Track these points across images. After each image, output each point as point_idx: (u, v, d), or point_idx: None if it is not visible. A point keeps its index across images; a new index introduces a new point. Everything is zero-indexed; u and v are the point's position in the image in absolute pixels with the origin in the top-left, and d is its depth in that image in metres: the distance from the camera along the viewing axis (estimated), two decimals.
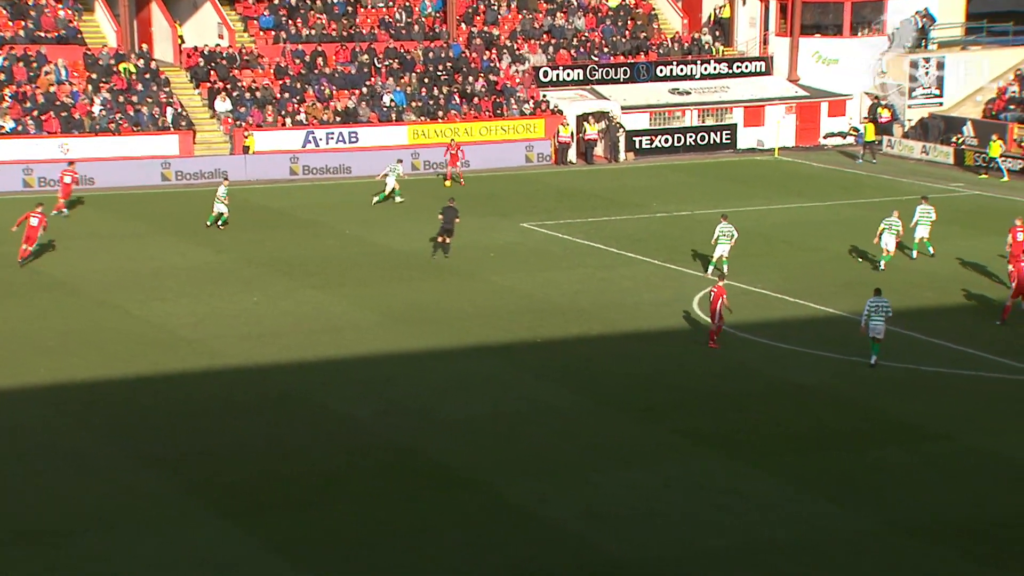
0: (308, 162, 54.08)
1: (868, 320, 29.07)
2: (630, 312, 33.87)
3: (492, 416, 26.42)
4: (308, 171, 53.94)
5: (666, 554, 20.22)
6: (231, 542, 20.79)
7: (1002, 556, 19.95)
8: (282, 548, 20.51)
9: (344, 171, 54.28)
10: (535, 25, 63.66)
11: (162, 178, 52.36)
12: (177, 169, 52.61)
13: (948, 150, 56.99)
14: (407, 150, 55.32)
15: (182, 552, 20.45)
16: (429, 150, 55.41)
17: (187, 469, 23.70)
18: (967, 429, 25.19)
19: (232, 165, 52.68)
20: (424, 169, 55.09)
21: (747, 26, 65.06)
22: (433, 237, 40.45)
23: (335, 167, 54.35)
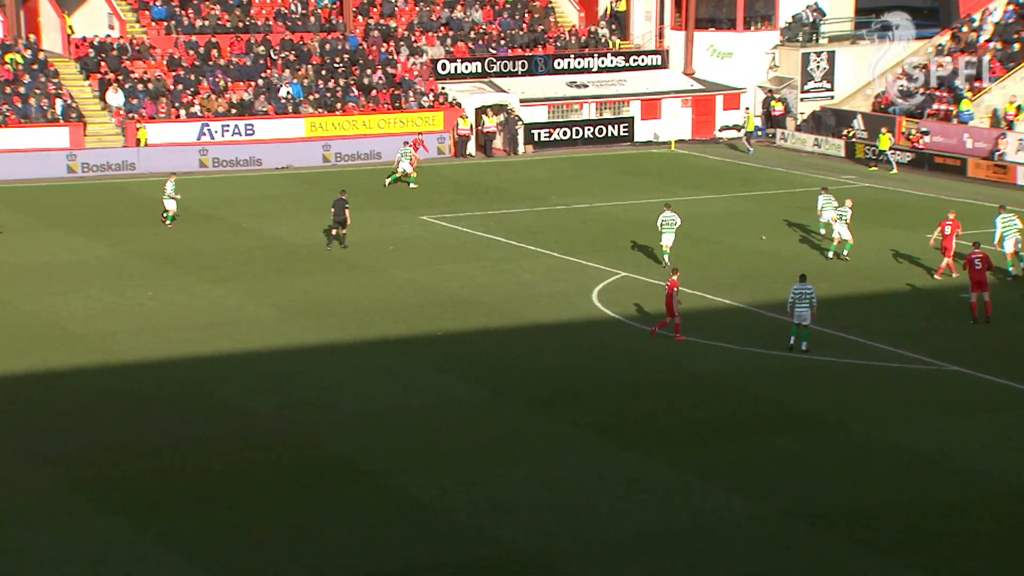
0: (218, 155, 53.53)
1: (794, 306, 29.59)
2: (530, 304, 33.95)
3: (393, 410, 26.30)
4: (218, 164, 53.39)
5: (566, 545, 20.31)
6: (124, 539, 20.44)
7: (890, 540, 20.35)
8: (176, 544, 20.21)
9: (244, 164, 53.72)
10: (432, 17, 63.49)
11: (63, 170, 51.39)
12: (83, 161, 51.69)
13: (839, 143, 58.04)
14: (306, 143, 54.87)
15: (74, 550, 20.06)
16: (340, 142, 55.06)
17: (79, 466, 23.24)
18: (859, 417, 25.66)
19: (141, 158, 52.05)
20: (336, 161, 54.77)
21: (643, 20, 65.58)
22: (327, 229, 40.24)
23: (245, 159, 53.86)
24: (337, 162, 54.53)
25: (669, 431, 25.08)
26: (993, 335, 31.10)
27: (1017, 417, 25.68)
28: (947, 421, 25.55)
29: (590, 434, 24.92)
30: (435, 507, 21.61)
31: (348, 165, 54.70)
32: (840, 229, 38.19)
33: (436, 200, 47.77)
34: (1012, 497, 21.90)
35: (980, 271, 31.55)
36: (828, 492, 22.24)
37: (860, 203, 46.72)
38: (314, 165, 54.51)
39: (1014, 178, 50.61)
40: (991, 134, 53.50)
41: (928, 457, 23.66)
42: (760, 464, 23.43)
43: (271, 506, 21.69)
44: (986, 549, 20.04)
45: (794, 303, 29.61)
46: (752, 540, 20.39)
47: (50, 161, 51.53)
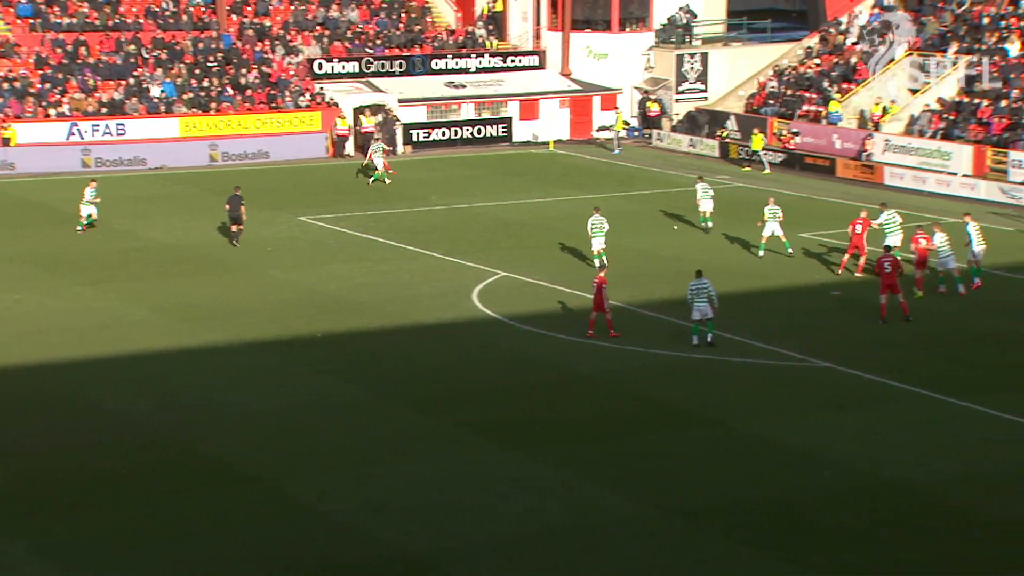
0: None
1: (693, 302, 30.00)
2: (411, 305, 33.87)
3: (272, 411, 26.02)
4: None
5: (449, 544, 20.30)
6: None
7: (765, 534, 20.75)
8: (50, 551, 19.73)
9: (127, 164, 52.80)
10: (308, 16, 62.94)
11: None
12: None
13: (714, 143, 59.00)
14: (181, 143, 54.01)
15: None
16: (230, 141, 54.22)
17: None
18: (735, 414, 26.09)
19: (11, 157, 50.72)
20: (223, 161, 54.00)
21: (519, 20, 65.88)
22: (223, 226, 39.73)
23: (129, 159, 52.97)
24: (225, 162, 53.78)
25: (550, 430, 25.22)
26: (862, 332, 31.87)
27: (885, 412, 26.36)
28: (819, 416, 26.12)
29: (472, 434, 24.95)
30: (316, 509, 21.43)
31: (235, 165, 53.95)
32: (773, 227, 38.56)
33: (314, 200, 47.39)
34: (880, 490, 22.48)
35: (890, 274, 32.08)
36: (705, 488, 22.58)
37: (735, 203, 47.62)
38: (198, 165, 53.65)
39: (881, 178, 51.99)
40: (859, 135, 54.89)
41: (800, 452, 24.16)
42: (639, 462, 23.70)
43: (147, 511, 21.30)
44: (856, 541, 20.53)
45: (693, 299, 30.06)
46: (631, 537, 20.61)
47: None
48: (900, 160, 52.62)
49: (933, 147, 51.99)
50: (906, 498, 22.13)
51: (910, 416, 26.12)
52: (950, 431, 25.29)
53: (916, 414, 26.25)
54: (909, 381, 27.90)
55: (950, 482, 22.71)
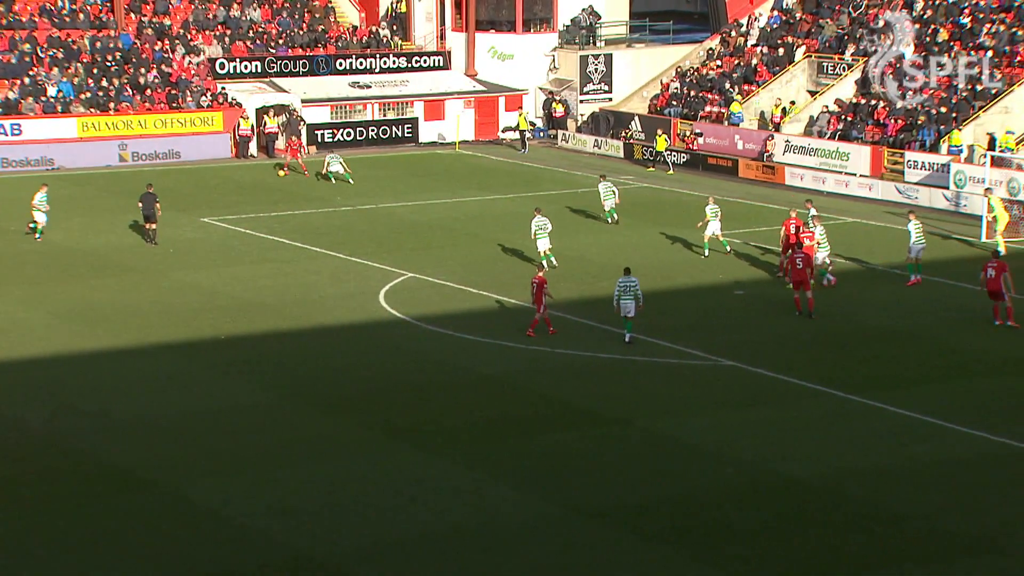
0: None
1: (619, 299, 30.21)
2: (316, 306, 33.60)
3: (174, 416, 25.64)
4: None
5: (355, 546, 20.18)
6: None
7: (672, 533, 20.92)
8: None
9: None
10: (208, 15, 62.16)
11: None
12: None
13: (619, 144, 59.40)
14: (77, 143, 53.04)
15: None
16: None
17: None
18: (641, 412, 26.27)
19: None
20: (132, 161, 53.18)
21: (424, 21, 65.72)
22: (136, 224, 39.18)
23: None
24: (135, 161, 52.94)
25: (457, 431, 25.18)
26: (765, 331, 32.30)
27: (787, 410, 26.72)
28: (723, 414, 26.41)
29: (378, 435, 24.82)
30: (219, 514, 21.16)
31: (143, 165, 53.13)
32: (715, 227, 38.74)
33: (217, 201, 46.82)
34: (782, 486, 22.78)
35: (800, 271, 32.83)
36: (611, 487, 22.70)
37: (640, 203, 47.99)
38: (98, 166, 52.70)
39: (782, 178, 52.73)
40: (760, 135, 55.62)
41: (706, 449, 24.40)
42: (546, 462, 23.75)
43: (45, 520, 20.86)
44: (761, 537, 20.79)
45: (619, 296, 30.23)
46: (537, 537, 20.65)
47: None
48: (800, 160, 53.41)
49: (832, 148, 52.87)
50: (806, 493, 22.45)
51: (811, 413, 26.51)
52: (849, 427, 25.72)
53: (816, 411, 26.65)
54: (810, 378, 28.32)
55: (848, 477, 23.08)
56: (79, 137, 53.57)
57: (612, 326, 31.63)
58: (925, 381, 28.48)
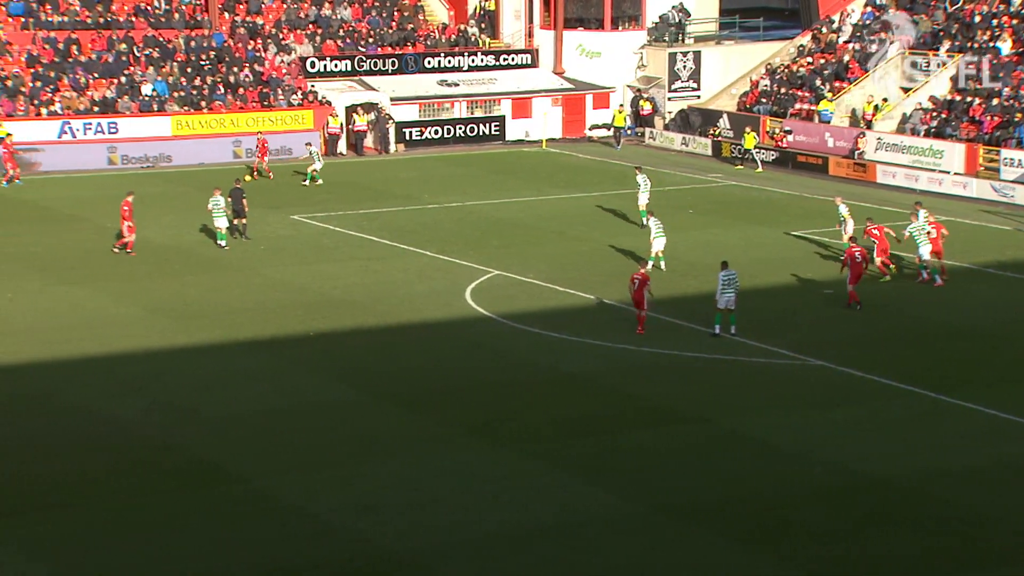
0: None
1: (722, 292, 30.31)
2: (403, 304, 33.86)
3: (261, 412, 26.00)
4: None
5: (436, 544, 20.31)
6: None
7: (755, 532, 20.78)
8: (35, 551, 19.73)
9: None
10: (300, 15, 62.91)
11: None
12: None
13: (706, 142, 59.03)
14: (172, 142, 54.01)
15: None
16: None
17: None
18: (725, 412, 26.11)
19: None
20: (246, 157, 53.96)
21: (512, 19, 65.86)
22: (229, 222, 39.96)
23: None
24: (249, 158, 53.84)
25: (539, 429, 25.23)
26: (855, 330, 31.93)
27: (874, 408, 26.41)
28: (811, 414, 26.15)
29: (461, 433, 24.95)
30: (305, 509, 21.43)
31: (239, 163, 54.05)
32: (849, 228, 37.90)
33: (307, 199, 47.37)
34: (870, 486, 22.52)
35: (859, 264, 33.06)
36: (695, 486, 22.60)
37: (726, 201, 47.68)
38: (190, 164, 53.72)
39: (874, 176, 52.02)
40: (851, 133, 54.91)
41: (791, 449, 24.19)
42: (628, 460, 23.71)
43: (135, 511, 21.29)
44: (847, 538, 20.57)
45: (723, 289, 30.26)
46: (620, 535, 20.63)
47: None
48: (892, 158, 52.66)
49: (925, 145, 52.04)
50: (894, 494, 22.17)
51: (899, 413, 26.17)
52: (938, 427, 25.35)
53: (905, 411, 26.30)
54: (898, 378, 27.94)
55: (937, 477, 22.75)
56: (173, 135, 54.51)
57: (699, 324, 31.49)
58: (1015, 381, 27.96)
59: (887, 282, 35.34)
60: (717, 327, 30.53)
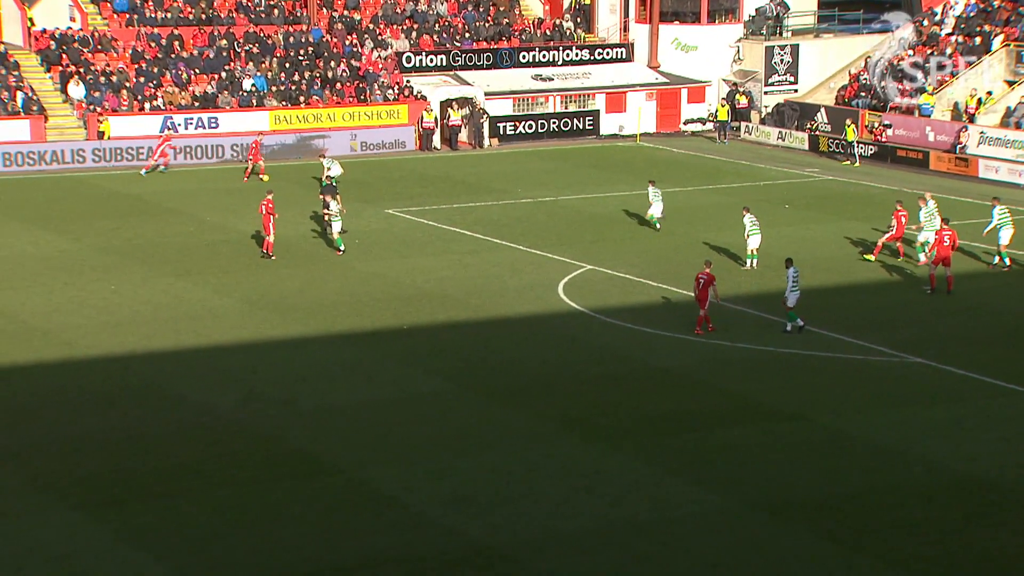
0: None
1: (792, 290, 30.21)
2: (496, 298, 33.95)
3: (357, 404, 26.24)
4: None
5: (529, 537, 20.34)
6: (85, 535, 20.32)
7: (853, 532, 20.49)
8: (138, 539, 20.12)
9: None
10: (397, 10, 63.34)
11: (25, 163, 51.07)
12: (48, 152, 51.40)
13: (803, 136, 58.31)
14: (270, 136, 54.68)
15: (32, 546, 19.91)
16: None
17: (39, 461, 23.08)
18: (821, 409, 25.81)
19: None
20: (361, 150, 54.54)
21: (607, 13, 65.65)
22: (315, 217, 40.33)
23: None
24: (363, 151, 54.23)
25: (633, 423, 25.14)
26: (954, 328, 31.35)
27: (976, 407, 25.92)
28: (909, 411, 25.74)
29: (554, 427, 24.95)
30: (399, 501, 21.58)
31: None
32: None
33: (401, 193, 47.69)
34: (971, 486, 22.11)
35: (947, 247, 33.20)
36: (790, 484, 22.35)
37: (824, 196, 47.03)
38: (292, 157, 54.38)
39: (976, 171, 51.01)
40: (953, 127, 53.89)
41: (889, 447, 23.83)
42: (722, 456, 23.52)
43: (233, 500, 21.61)
44: (947, 538, 20.21)
45: (793, 287, 30.19)
46: (714, 532, 20.48)
47: (11, 153, 51.15)
48: (996, 153, 51.57)
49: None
50: (995, 494, 21.74)
51: (1001, 412, 25.65)
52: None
53: (1007, 410, 25.78)
54: (1000, 376, 27.39)
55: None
56: (271, 130, 55.20)
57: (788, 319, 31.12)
58: None
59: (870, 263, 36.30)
60: (789, 325, 30.31)
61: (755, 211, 37.67)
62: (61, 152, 51.69)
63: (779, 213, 43.78)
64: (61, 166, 51.40)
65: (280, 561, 19.62)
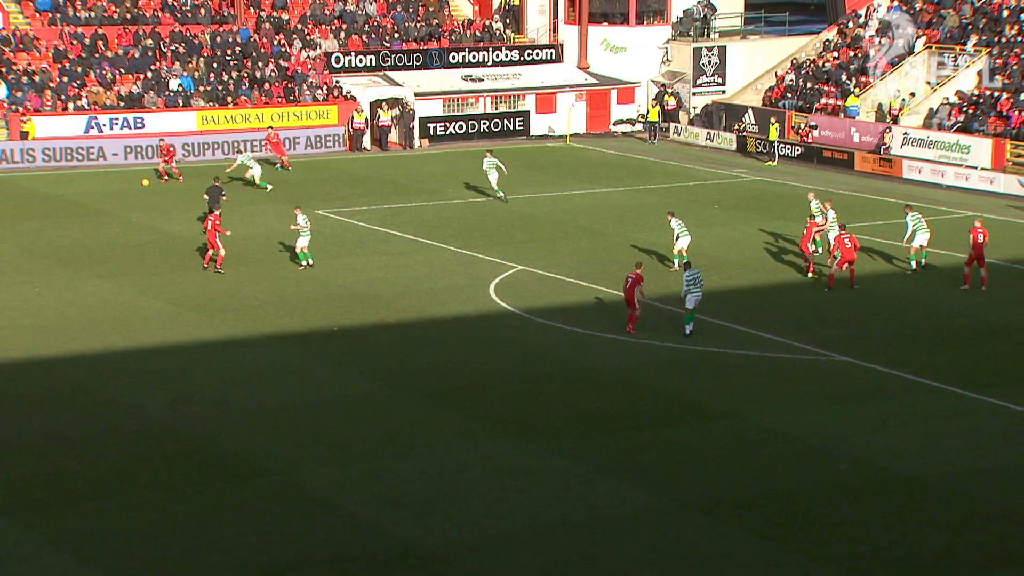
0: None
1: (690, 292, 30.21)
2: (428, 298, 33.90)
3: (288, 405, 26.08)
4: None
5: (462, 538, 20.34)
6: (11, 539, 20.00)
7: (782, 528, 20.72)
8: (65, 543, 19.85)
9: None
10: (325, 10, 63.01)
11: None
12: None
13: (731, 137, 58.87)
14: (197, 136, 54.16)
15: None
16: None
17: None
18: (751, 407, 26.06)
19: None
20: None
21: (537, 14, 65.83)
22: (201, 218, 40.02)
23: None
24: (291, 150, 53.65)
25: (565, 423, 25.22)
26: (880, 325, 31.80)
27: (902, 405, 26.29)
28: (836, 409, 26.06)
29: (487, 427, 24.97)
30: (332, 502, 21.49)
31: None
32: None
33: (332, 194, 47.47)
34: (897, 483, 22.43)
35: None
36: (721, 482, 22.55)
37: (751, 196, 47.49)
38: (220, 158, 53.89)
39: (900, 171, 51.79)
40: (877, 128, 54.68)
41: (817, 445, 24.11)
42: (654, 455, 23.68)
43: (162, 504, 21.39)
44: (874, 534, 20.49)
45: (690, 289, 30.10)
46: (647, 531, 20.61)
47: None
48: (918, 153, 52.41)
49: (952, 140, 51.75)
50: (921, 491, 22.08)
51: (926, 409, 26.05)
52: (966, 424, 25.22)
53: (932, 407, 26.18)
54: (926, 374, 27.82)
55: (965, 475, 22.65)
56: (199, 130, 54.69)
57: (722, 320, 31.41)
58: None
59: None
60: (688, 327, 30.34)
61: (685, 212, 38.02)
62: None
63: (709, 213, 44.17)
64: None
65: (211, 564, 19.45)
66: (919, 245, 36.38)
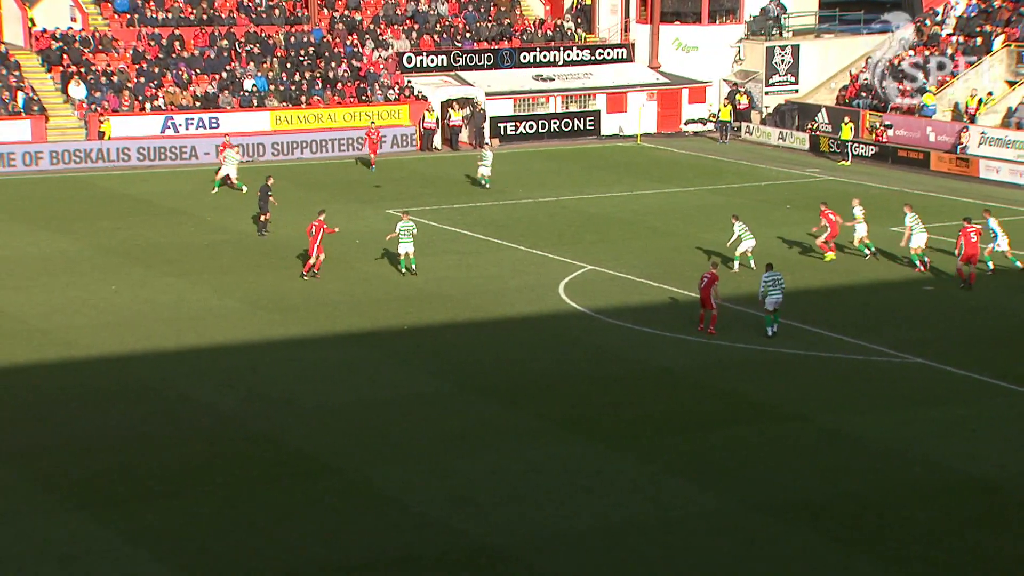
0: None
1: (767, 295, 30.04)
2: (497, 298, 33.95)
3: (357, 404, 26.25)
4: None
5: (530, 537, 20.34)
6: (88, 535, 20.33)
7: (853, 531, 20.50)
8: (140, 540, 20.12)
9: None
10: (398, 10, 63.35)
11: (25, 163, 51.06)
12: (48, 152, 51.36)
13: (804, 136, 58.33)
14: (270, 136, 54.70)
15: (34, 545, 19.92)
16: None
17: (41, 462, 23.09)
18: (822, 409, 25.81)
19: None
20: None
21: (608, 13, 65.67)
22: (254, 216, 40.47)
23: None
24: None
25: (634, 423, 25.14)
26: (956, 328, 31.35)
27: (977, 408, 25.91)
28: (909, 412, 25.74)
29: (555, 427, 24.95)
30: (400, 501, 21.58)
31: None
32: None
33: (402, 193, 47.69)
34: (972, 487, 22.10)
35: (975, 243, 34.27)
36: (791, 483, 22.36)
37: (824, 196, 47.01)
38: (292, 159, 54.38)
39: (976, 171, 51.02)
40: (953, 127, 53.90)
41: (890, 447, 23.82)
42: (724, 456, 23.53)
43: (235, 501, 21.61)
44: (947, 539, 20.21)
45: (766, 292, 29.92)
46: (715, 532, 20.48)
47: (12, 154, 51.17)
48: (996, 153, 51.58)
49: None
50: (997, 495, 21.74)
51: (1003, 412, 25.65)
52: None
53: (1009, 410, 25.77)
54: (1002, 376, 27.38)
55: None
56: (272, 130, 55.23)
57: (793, 321, 31.13)
58: None
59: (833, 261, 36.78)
60: (769, 329, 30.15)
61: (756, 212, 37.77)
62: (62, 152, 51.69)
63: (780, 213, 43.80)
64: (62, 166, 51.39)
65: (282, 561, 19.63)
66: (918, 246, 35.89)
